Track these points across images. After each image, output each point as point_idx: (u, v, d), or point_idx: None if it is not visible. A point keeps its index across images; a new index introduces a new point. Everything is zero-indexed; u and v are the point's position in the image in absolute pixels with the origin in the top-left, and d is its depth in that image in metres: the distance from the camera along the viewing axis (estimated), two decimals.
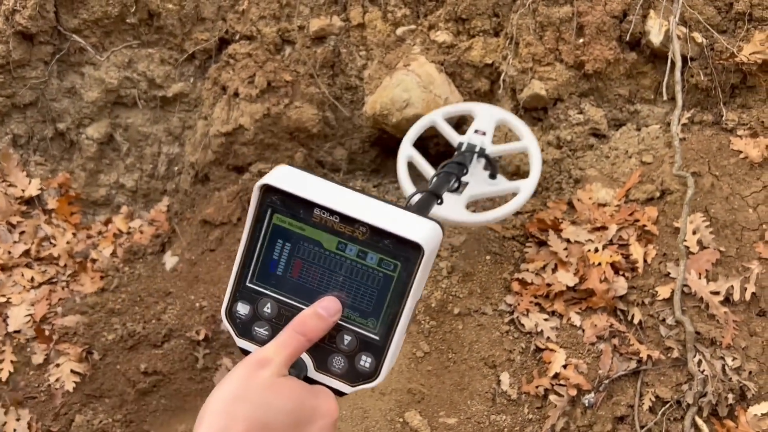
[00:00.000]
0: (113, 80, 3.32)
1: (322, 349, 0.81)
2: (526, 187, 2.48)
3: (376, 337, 0.80)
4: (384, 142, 3.26)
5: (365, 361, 0.80)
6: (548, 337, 2.44)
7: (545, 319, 2.48)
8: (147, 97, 3.39)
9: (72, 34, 3.24)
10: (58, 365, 2.60)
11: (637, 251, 2.52)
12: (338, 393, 0.81)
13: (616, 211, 2.68)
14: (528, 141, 2.59)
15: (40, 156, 3.44)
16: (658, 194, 2.67)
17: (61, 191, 3.40)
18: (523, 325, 2.49)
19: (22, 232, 3.15)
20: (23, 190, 3.31)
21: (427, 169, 2.55)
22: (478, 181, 2.47)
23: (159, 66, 3.34)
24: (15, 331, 2.72)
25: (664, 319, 2.41)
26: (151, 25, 3.29)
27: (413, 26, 3.07)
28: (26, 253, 3.04)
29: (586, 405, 2.28)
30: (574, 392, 2.29)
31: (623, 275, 2.49)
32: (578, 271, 2.53)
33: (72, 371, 2.58)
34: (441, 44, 2.99)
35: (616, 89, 2.90)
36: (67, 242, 3.14)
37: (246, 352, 0.82)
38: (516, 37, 2.87)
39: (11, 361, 2.63)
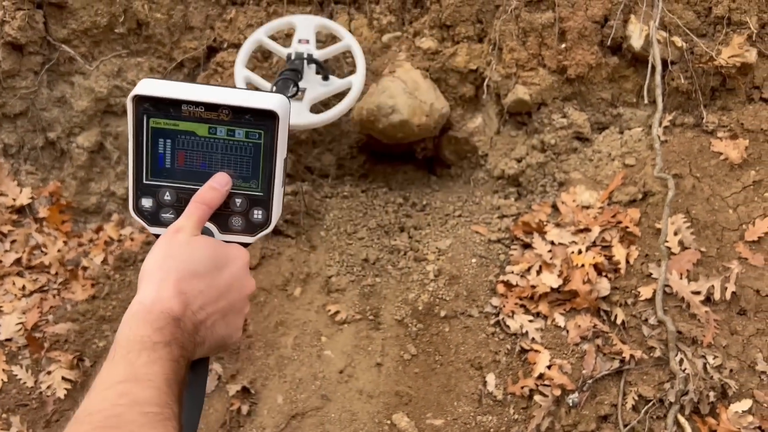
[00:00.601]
0: (103, 89, 3.35)
1: (221, 215, 0.97)
2: (357, 81, 2.76)
3: (261, 193, 0.97)
4: (372, 147, 3.30)
5: (258, 214, 0.98)
6: (533, 338, 2.48)
7: (530, 321, 2.52)
8: None
9: (61, 44, 3.27)
10: (49, 372, 2.62)
11: (619, 252, 2.56)
12: (244, 245, 0.98)
13: (599, 213, 2.72)
14: (348, 40, 2.87)
15: (30, 165, 3.46)
16: (640, 196, 2.72)
17: (52, 200, 3.43)
18: (508, 326, 2.52)
19: (13, 241, 3.17)
20: (14, 199, 3.33)
21: (265, 85, 2.81)
22: (313, 85, 2.74)
23: (148, 74, 3.37)
24: (6, 340, 2.75)
25: (646, 319, 2.45)
26: (140, 35, 3.32)
27: (399, 33, 3.11)
28: (17, 261, 3.07)
29: (571, 405, 2.32)
30: (558, 392, 2.33)
31: (606, 276, 2.53)
32: (562, 272, 2.57)
33: (63, 378, 2.60)
34: (426, 50, 3.03)
35: (598, 93, 2.95)
36: (58, 250, 3.16)
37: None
38: (499, 42, 2.92)
39: (3, 370, 2.65)
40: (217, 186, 0.95)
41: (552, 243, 2.68)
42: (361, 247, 2.84)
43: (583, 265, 2.55)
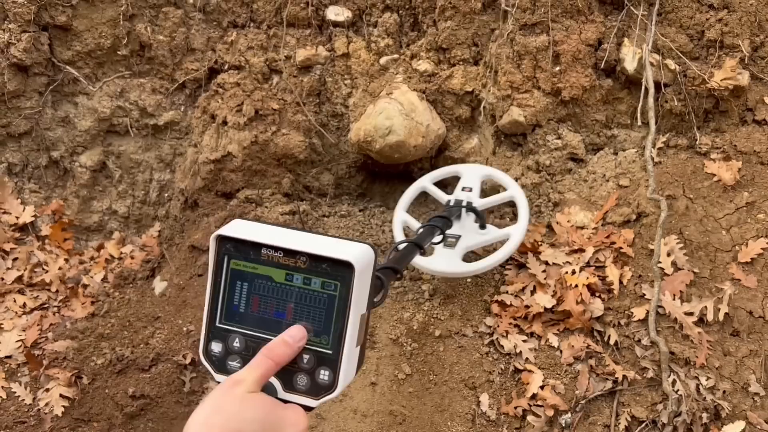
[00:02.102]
0: (106, 109, 3.41)
1: (287, 370, 0.90)
2: (516, 232, 2.64)
3: (330, 351, 0.90)
4: (369, 167, 3.34)
5: (324, 375, 0.90)
6: (527, 358, 2.49)
7: (524, 341, 2.53)
8: (139, 126, 3.48)
9: (65, 65, 3.34)
10: (47, 390, 2.65)
11: (613, 273, 2.58)
12: (307, 408, 0.90)
13: (593, 234, 2.75)
14: (513, 190, 2.77)
15: (34, 183, 3.51)
16: (634, 217, 2.74)
17: (55, 218, 3.47)
18: (502, 346, 2.54)
19: (15, 259, 3.21)
20: (17, 218, 3.38)
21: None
22: (470, 233, 2.66)
23: (150, 95, 3.43)
24: (6, 357, 2.78)
25: (639, 340, 2.46)
26: (143, 56, 3.38)
27: (396, 56, 3.16)
28: (19, 279, 3.11)
29: (564, 425, 2.33)
30: (551, 413, 2.34)
31: (599, 297, 2.55)
32: (556, 292, 2.59)
33: (61, 396, 2.63)
34: (423, 73, 3.07)
35: (592, 115, 2.98)
36: (59, 268, 3.20)
37: None
38: (495, 65, 2.96)
39: (2, 387, 2.67)
40: (290, 341, 0.89)
41: (546, 263, 2.70)
42: None
43: (576, 286, 2.56)
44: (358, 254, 0.89)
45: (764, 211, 2.62)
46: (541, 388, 2.39)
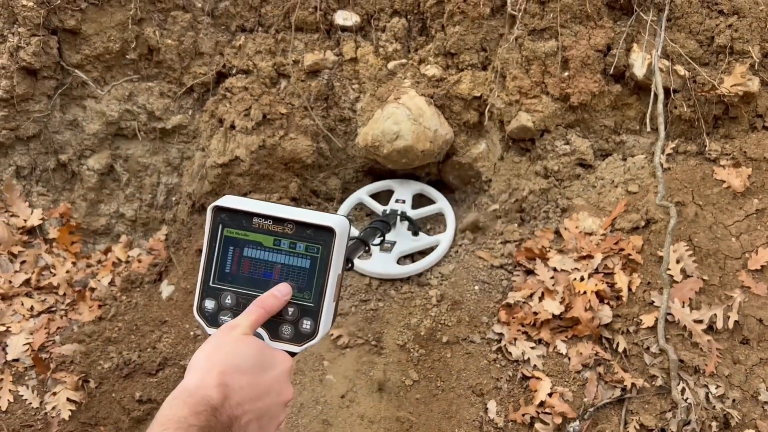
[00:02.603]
0: (114, 113, 3.42)
1: (273, 322, 1.04)
2: (444, 239, 2.97)
3: (312, 305, 1.05)
4: (377, 171, 3.34)
5: (306, 324, 1.05)
6: (535, 365, 2.48)
7: (532, 348, 2.52)
8: (147, 129, 3.48)
9: (74, 69, 3.35)
10: (54, 393, 2.65)
11: (621, 280, 2.56)
12: (291, 354, 1.04)
13: (601, 240, 2.73)
14: (441, 203, 3.16)
15: (42, 187, 3.52)
16: (643, 223, 2.72)
17: (62, 221, 3.48)
18: (510, 353, 2.53)
19: (23, 262, 3.22)
20: (25, 220, 3.38)
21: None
22: (404, 239, 2.97)
23: (158, 99, 3.43)
24: (14, 360, 2.78)
25: (648, 347, 2.45)
26: (151, 60, 3.39)
27: (404, 60, 3.15)
28: (26, 282, 3.11)
29: None
30: (559, 420, 2.33)
31: (608, 304, 2.54)
32: (564, 299, 2.58)
33: (68, 399, 2.63)
34: (431, 78, 3.07)
35: (601, 120, 2.97)
36: (67, 271, 3.20)
37: None
38: (503, 70, 2.95)
39: (9, 390, 2.68)
40: (278, 294, 1.03)
41: (554, 269, 2.69)
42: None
43: (585, 293, 2.55)
44: (337, 221, 1.04)
45: None
46: (549, 395, 2.38)
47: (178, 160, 3.54)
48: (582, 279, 2.61)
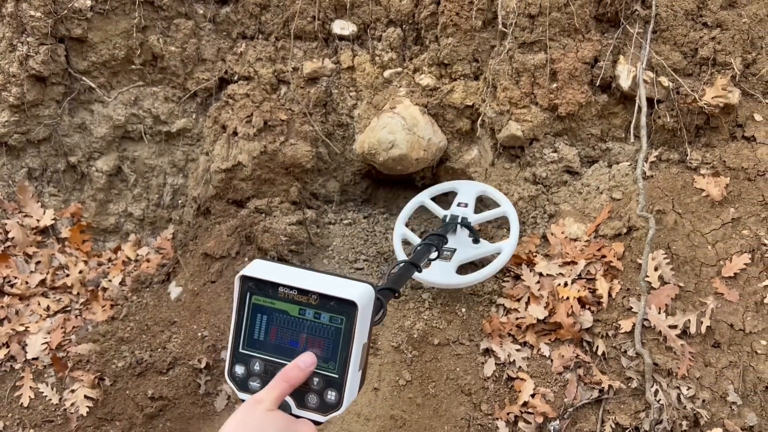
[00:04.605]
0: (120, 117, 3.55)
1: (299, 391, 1.07)
2: (507, 246, 2.85)
3: (336, 375, 1.07)
4: (373, 175, 3.48)
5: (331, 395, 1.07)
6: (520, 367, 2.66)
7: (517, 350, 2.69)
8: (152, 132, 3.62)
9: (81, 75, 3.47)
10: (72, 391, 2.84)
11: (602, 286, 2.72)
12: (316, 423, 1.07)
13: (585, 246, 2.89)
14: (506, 207, 2.97)
15: (53, 187, 3.67)
16: (625, 230, 2.87)
17: (74, 220, 3.64)
18: (497, 355, 2.70)
19: (38, 262, 3.39)
20: (38, 221, 3.54)
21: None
22: (464, 247, 2.85)
23: (163, 103, 3.57)
24: (33, 359, 2.97)
25: (625, 351, 2.62)
26: (155, 66, 3.51)
27: (399, 69, 3.27)
28: (42, 282, 3.29)
29: (552, 431, 2.50)
30: (541, 420, 2.51)
31: (589, 309, 2.70)
32: (548, 304, 2.74)
33: (85, 396, 2.82)
34: (425, 87, 3.19)
35: (588, 129, 3.10)
36: (80, 271, 3.37)
37: None
38: (494, 81, 3.07)
39: (30, 387, 2.87)
40: (302, 365, 1.05)
41: (540, 274, 2.85)
42: (362, 275, 3.02)
43: (568, 298, 2.71)
44: (360, 294, 1.06)
45: (749, 227, 2.75)
46: (532, 396, 2.56)
47: (183, 162, 3.68)
48: (566, 284, 2.77)
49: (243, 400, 1.07)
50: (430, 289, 2.94)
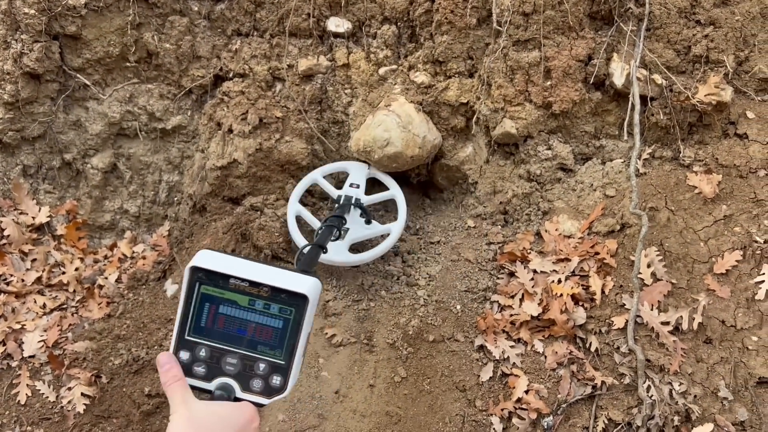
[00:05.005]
0: (115, 114, 3.55)
1: (245, 375, 1.12)
2: (396, 228, 3.02)
3: (282, 362, 1.11)
4: None
5: (276, 380, 1.11)
6: (514, 363, 2.68)
7: (511, 346, 2.72)
8: (147, 129, 3.62)
9: (76, 73, 3.47)
10: (69, 389, 2.85)
11: (595, 283, 2.75)
12: (259, 405, 1.12)
13: (579, 243, 2.91)
14: (394, 190, 3.18)
15: (48, 184, 3.67)
16: (618, 227, 2.89)
17: (69, 218, 3.65)
18: (491, 351, 2.73)
19: (33, 260, 3.39)
20: (33, 218, 3.55)
21: (313, 220, 3.10)
22: (356, 227, 3.02)
23: (158, 101, 3.56)
24: (30, 356, 2.98)
25: (618, 347, 2.64)
26: (150, 63, 3.51)
27: (394, 66, 3.28)
28: (38, 280, 3.29)
29: (545, 427, 2.53)
30: (534, 416, 2.54)
31: (582, 306, 2.73)
32: (542, 301, 2.76)
33: (82, 394, 2.84)
34: (420, 85, 3.20)
35: (582, 126, 3.12)
36: (76, 269, 3.38)
37: (191, 388, 1.12)
38: (488, 79, 3.08)
39: (27, 385, 2.88)
40: (161, 369, 1.11)
41: (534, 271, 2.87)
42: (357, 273, 3.04)
43: (561, 295, 2.74)
44: (311, 287, 1.11)
45: (740, 224, 2.77)
46: (526, 392, 2.59)
47: (178, 159, 3.69)
48: (559, 281, 2.79)
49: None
50: (425, 286, 2.96)
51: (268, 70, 3.38)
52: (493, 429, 2.57)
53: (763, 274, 2.64)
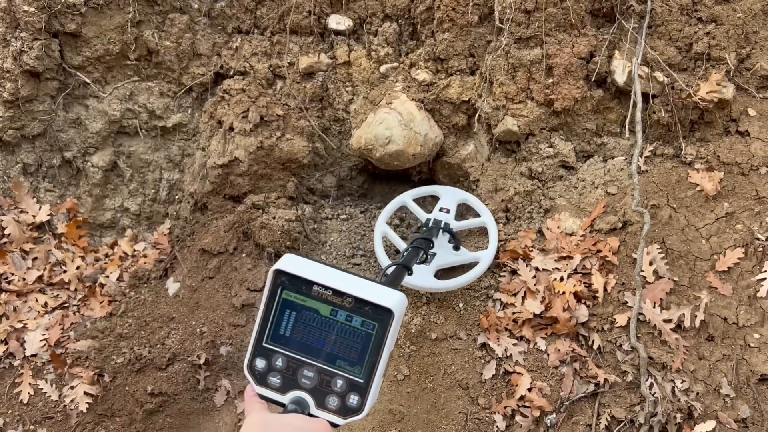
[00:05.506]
0: (116, 112, 3.54)
1: (321, 391, 1.06)
2: (486, 257, 2.90)
3: (361, 381, 1.05)
4: (370, 169, 3.49)
5: (353, 400, 1.06)
6: (516, 361, 2.69)
7: (514, 344, 2.72)
8: (148, 127, 3.61)
9: (76, 70, 3.46)
10: (72, 387, 2.85)
11: (598, 281, 2.75)
12: (333, 425, 1.06)
13: (581, 241, 2.91)
14: (486, 217, 3.03)
15: (48, 183, 3.66)
16: (620, 225, 2.90)
17: (70, 216, 3.64)
18: (493, 349, 2.73)
19: (34, 258, 3.39)
20: (34, 216, 3.54)
21: (400, 243, 2.99)
22: (443, 252, 2.89)
23: (158, 98, 3.55)
24: (32, 355, 2.98)
25: (620, 345, 2.65)
26: (150, 61, 3.49)
27: (395, 64, 3.27)
28: (39, 278, 3.29)
29: (548, 425, 2.53)
30: (537, 413, 2.54)
31: (585, 303, 2.73)
32: (545, 299, 2.77)
33: (85, 393, 2.84)
34: (421, 82, 3.20)
35: (583, 124, 3.12)
36: (77, 267, 3.37)
37: (263, 397, 1.10)
38: (490, 77, 3.08)
39: (29, 384, 2.88)
40: None
41: (536, 269, 2.87)
42: (359, 271, 3.04)
43: (564, 293, 2.74)
44: (397, 302, 1.05)
45: (742, 221, 2.78)
46: (529, 390, 2.59)
47: (179, 157, 3.68)
48: (562, 279, 2.79)
49: (259, 394, 1.08)
50: None
51: (268, 68, 3.37)
52: (496, 427, 2.58)
53: (765, 271, 2.65)
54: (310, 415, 1.06)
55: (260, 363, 1.08)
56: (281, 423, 1.00)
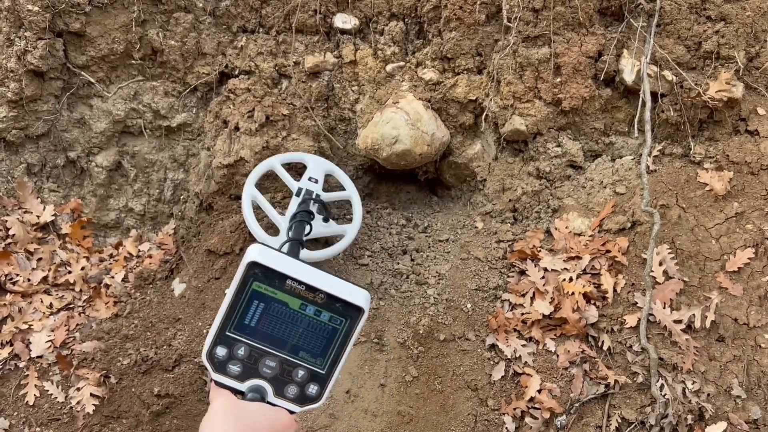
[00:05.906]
0: (120, 112, 3.52)
1: (280, 380, 1.09)
2: (351, 230, 2.96)
3: (322, 372, 1.09)
4: (376, 169, 3.47)
5: (312, 389, 1.10)
6: (525, 362, 2.67)
7: (523, 345, 2.71)
8: (152, 127, 3.59)
9: (80, 70, 3.44)
10: (78, 389, 2.84)
11: (607, 281, 2.73)
12: (290, 411, 1.09)
13: (590, 241, 2.89)
14: (350, 191, 3.10)
15: (52, 183, 3.64)
16: (629, 225, 2.88)
17: (74, 216, 3.62)
18: (502, 350, 2.71)
19: (39, 259, 3.37)
20: (38, 217, 3.52)
21: (269, 209, 2.96)
22: (314, 223, 2.86)
23: (163, 98, 3.54)
24: (37, 357, 2.96)
25: (631, 346, 2.63)
26: (155, 60, 3.47)
27: (402, 63, 3.25)
28: (44, 279, 3.27)
29: (558, 426, 2.52)
30: (547, 415, 2.53)
31: (594, 304, 2.71)
32: (554, 299, 2.75)
33: (91, 395, 2.82)
34: (428, 82, 3.18)
35: (592, 123, 3.10)
36: (82, 268, 3.36)
37: (220, 384, 1.10)
38: (497, 76, 3.06)
39: (35, 385, 2.87)
40: None
41: (545, 269, 2.86)
42: (366, 272, 3.02)
43: (573, 293, 2.72)
44: (366, 301, 1.08)
45: (752, 221, 2.76)
46: (539, 391, 2.57)
47: (183, 157, 3.66)
48: (571, 280, 2.77)
49: (215, 381, 1.08)
50: (435, 284, 2.94)
51: (274, 67, 3.35)
52: (506, 428, 2.56)
53: None
54: (269, 403, 1.09)
55: (221, 351, 1.08)
56: (252, 410, 1.02)
